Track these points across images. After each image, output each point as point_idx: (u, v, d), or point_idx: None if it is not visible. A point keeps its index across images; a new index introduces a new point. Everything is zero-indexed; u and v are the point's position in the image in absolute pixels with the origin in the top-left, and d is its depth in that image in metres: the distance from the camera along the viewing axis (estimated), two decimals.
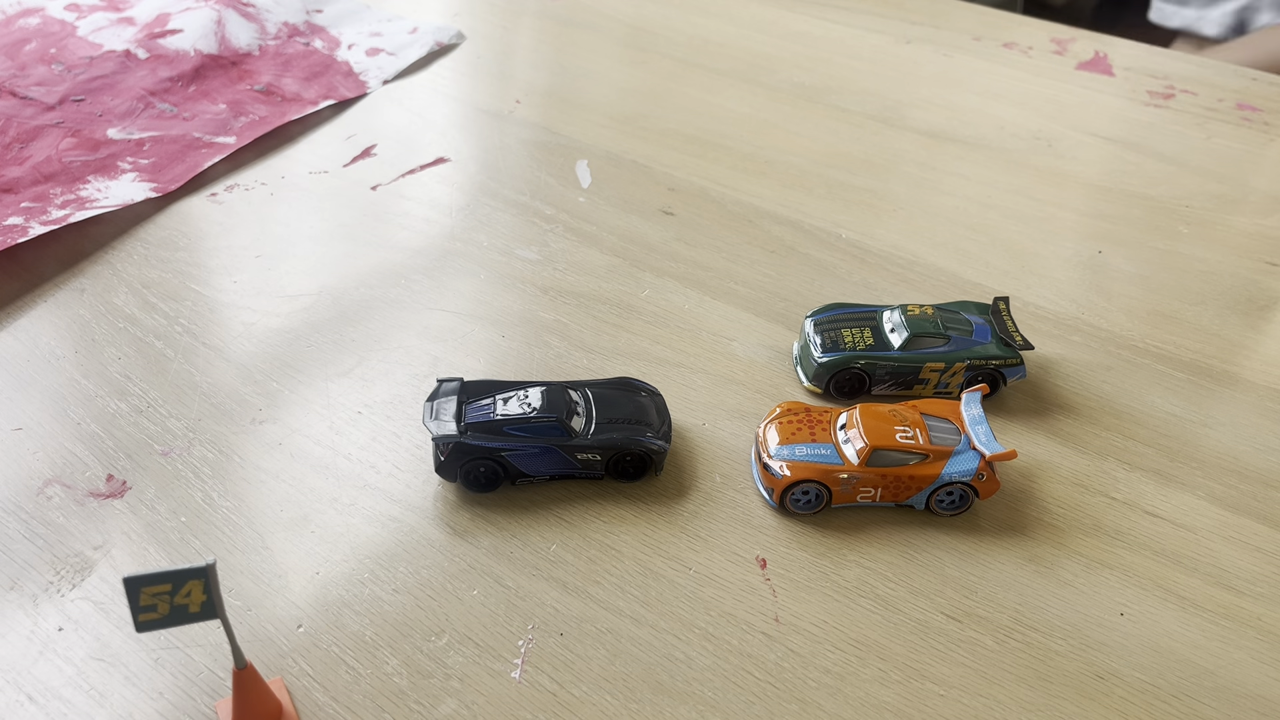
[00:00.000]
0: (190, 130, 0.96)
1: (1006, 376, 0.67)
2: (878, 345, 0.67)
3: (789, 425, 0.62)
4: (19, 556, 0.57)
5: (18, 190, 0.85)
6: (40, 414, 0.66)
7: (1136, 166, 0.97)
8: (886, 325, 0.69)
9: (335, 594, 0.56)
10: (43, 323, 0.74)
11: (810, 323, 0.70)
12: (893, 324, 0.68)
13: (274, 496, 0.61)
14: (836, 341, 0.68)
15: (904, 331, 0.67)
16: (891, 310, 0.70)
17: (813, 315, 0.71)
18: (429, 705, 0.50)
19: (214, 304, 0.76)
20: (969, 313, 0.70)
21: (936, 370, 0.67)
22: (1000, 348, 0.68)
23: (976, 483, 0.59)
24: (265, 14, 1.15)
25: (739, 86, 1.09)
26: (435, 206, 0.88)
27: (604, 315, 0.76)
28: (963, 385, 0.68)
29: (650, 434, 0.62)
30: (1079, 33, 1.24)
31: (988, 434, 0.60)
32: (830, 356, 0.67)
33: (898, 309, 0.69)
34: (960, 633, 0.55)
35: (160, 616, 0.42)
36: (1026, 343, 0.68)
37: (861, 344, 0.68)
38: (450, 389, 0.63)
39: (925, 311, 0.69)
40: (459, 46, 1.16)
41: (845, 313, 0.71)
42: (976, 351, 0.67)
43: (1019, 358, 0.67)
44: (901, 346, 0.67)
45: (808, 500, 0.60)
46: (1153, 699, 0.52)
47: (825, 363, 0.67)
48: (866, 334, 0.68)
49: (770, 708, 0.51)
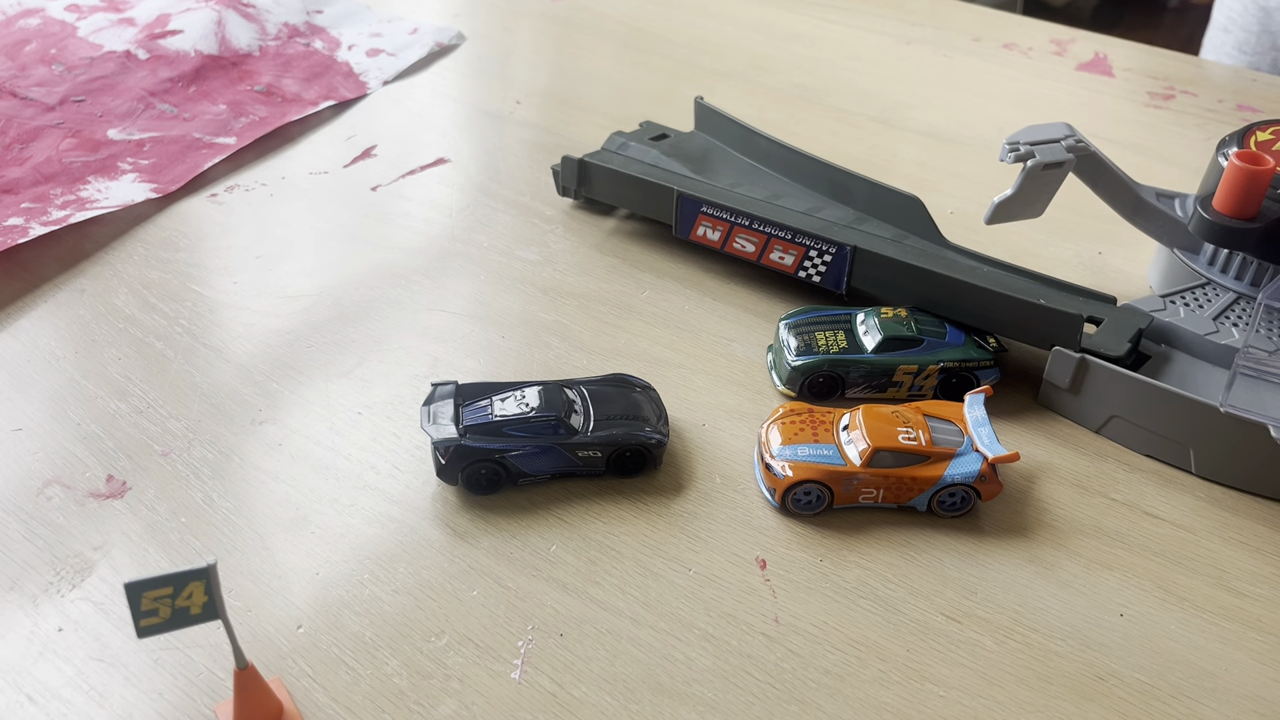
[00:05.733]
0: (190, 131, 0.96)
1: (980, 378, 0.67)
2: (851, 348, 0.67)
3: (791, 425, 0.62)
4: (19, 557, 0.57)
5: (18, 191, 0.85)
6: (40, 414, 0.66)
7: (1136, 167, 0.97)
8: (860, 328, 0.69)
9: (335, 594, 0.56)
10: (43, 323, 0.74)
11: (784, 326, 0.70)
12: (866, 326, 0.68)
13: (274, 497, 0.61)
14: (810, 345, 0.68)
15: (877, 334, 0.67)
16: (865, 313, 0.70)
17: (786, 318, 0.71)
18: (429, 706, 0.51)
19: (214, 305, 0.76)
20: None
21: (910, 372, 0.67)
22: (974, 349, 0.67)
23: (978, 485, 0.59)
24: (265, 15, 1.15)
25: (739, 86, 1.09)
26: (435, 207, 0.88)
27: (604, 315, 0.76)
28: (936, 388, 0.68)
29: (648, 428, 0.62)
30: (1079, 33, 1.24)
31: (990, 436, 0.60)
32: (803, 360, 0.67)
33: (872, 311, 0.69)
34: (960, 633, 0.55)
35: (161, 621, 0.42)
36: (1000, 345, 0.68)
37: (835, 347, 0.68)
38: (445, 392, 0.63)
39: (899, 314, 0.69)
40: (459, 47, 1.16)
41: (819, 315, 0.71)
42: (950, 353, 0.67)
43: (992, 359, 0.67)
44: (874, 349, 0.67)
45: (810, 501, 0.60)
46: (1152, 699, 0.52)
47: (798, 366, 0.67)
48: (840, 337, 0.68)
49: (770, 708, 0.51)
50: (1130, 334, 0.66)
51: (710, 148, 0.89)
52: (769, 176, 0.84)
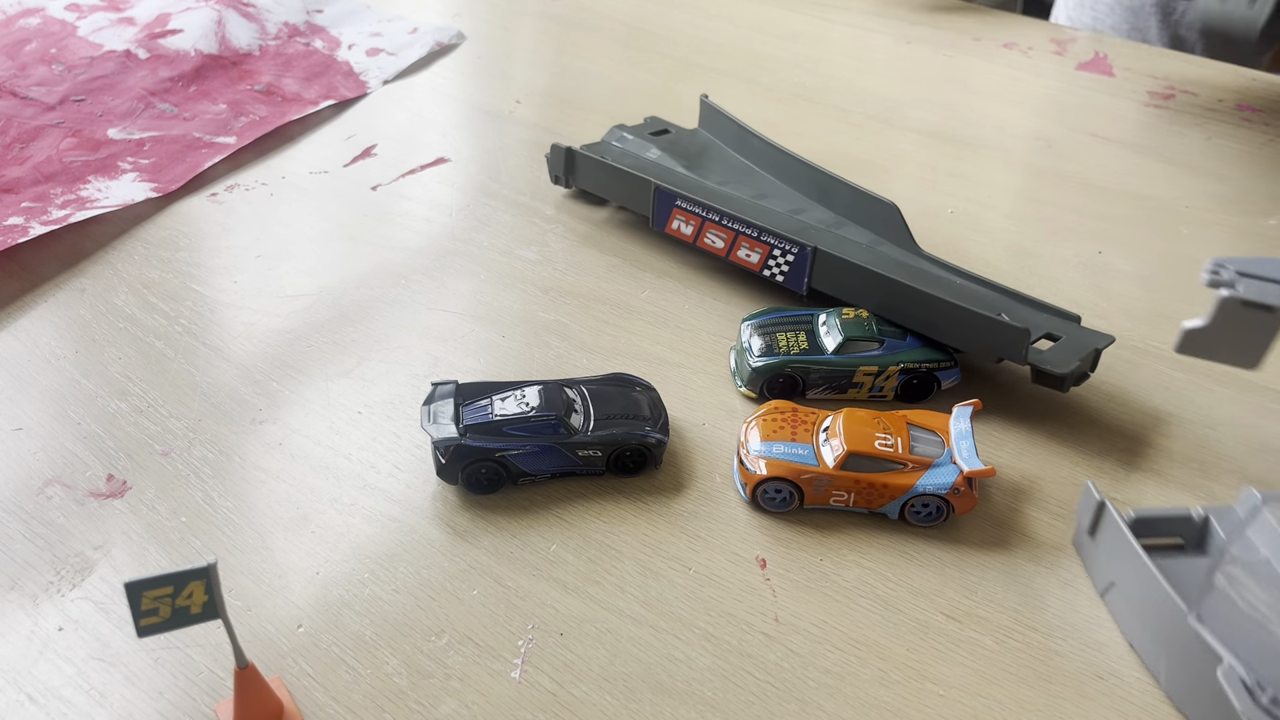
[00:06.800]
0: (190, 130, 0.96)
1: (940, 379, 0.67)
2: (812, 349, 0.67)
3: (772, 423, 0.62)
4: (19, 556, 0.57)
5: (18, 190, 0.85)
6: (40, 414, 0.66)
7: (1136, 166, 0.97)
8: (821, 329, 0.69)
9: (335, 594, 0.56)
10: (43, 323, 0.74)
11: (746, 326, 0.70)
12: (827, 327, 0.68)
13: (274, 496, 0.61)
14: (771, 346, 0.68)
15: (837, 335, 0.67)
16: (827, 314, 0.70)
17: (749, 318, 0.71)
18: (429, 705, 0.51)
19: (214, 304, 0.76)
20: None
21: (870, 373, 0.67)
22: (934, 350, 0.67)
23: (951, 497, 0.58)
24: (265, 14, 1.15)
25: (739, 86, 1.09)
26: (435, 206, 0.88)
27: (604, 315, 0.76)
28: (896, 389, 0.67)
29: (648, 428, 0.62)
30: (1079, 33, 1.24)
31: (970, 449, 0.60)
32: (764, 361, 0.67)
33: (833, 312, 0.69)
34: (960, 633, 0.55)
35: (161, 620, 0.42)
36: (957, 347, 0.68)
37: (796, 348, 0.67)
38: (445, 392, 0.63)
39: (860, 315, 0.69)
40: (459, 46, 1.16)
41: (781, 316, 0.71)
42: (909, 354, 0.67)
43: (952, 360, 0.67)
44: (835, 350, 0.67)
45: (783, 499, 0.60)
46: (1153, 699, 0.52)
47: (758, 367, 0.67)
48: (801, 338, 0.68)
49: (770, 708, 0.51)
50: (1083, 353, 0.65)
51: (709, 145, 0.89)
52: (760, 177, 0.85)
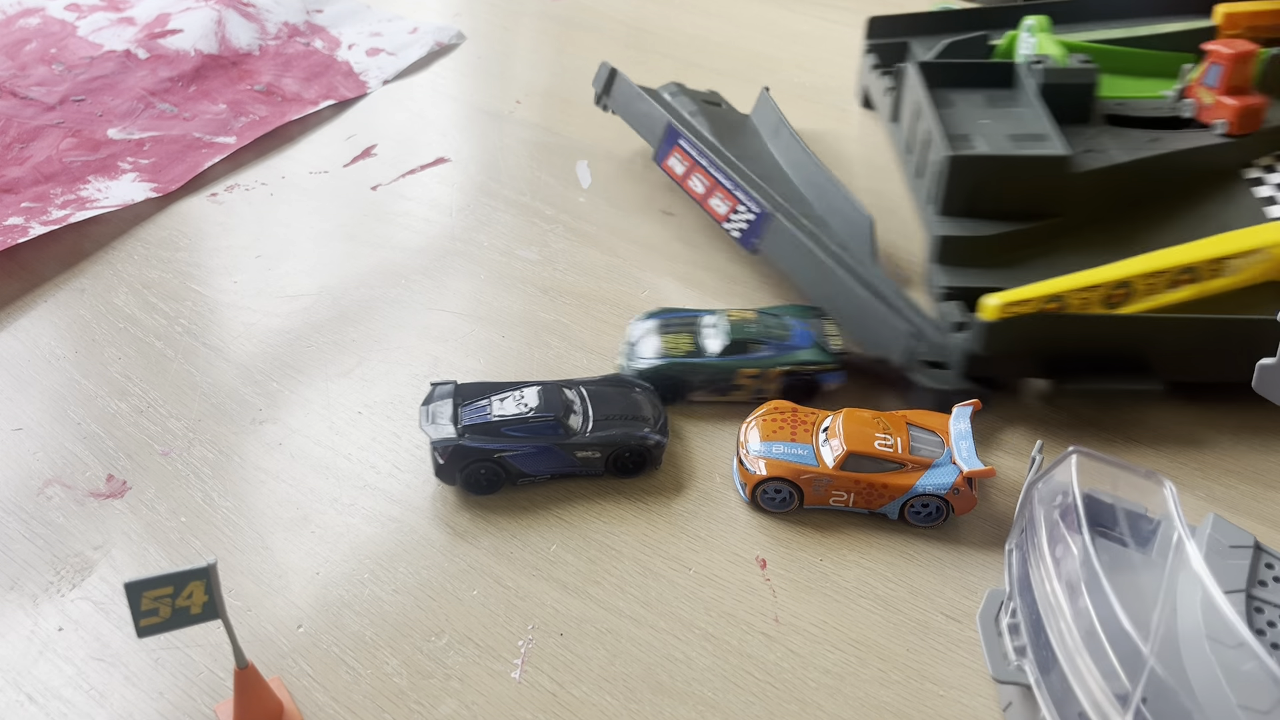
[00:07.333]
0: (190, 130, 0.96)
1: (822, 381, 0.67)
2: (696, 351, 0.67)
3: (771, 423, 0.62)
4: (19, 556, 0.57)
5: (18, 190, 0.85)
6: (40, 414, 0.66)
7: None
8: (705, 331, 0.68)
9: (335, 594, 0.56)
10: (43, 323, 0.74)
11: (633, 326, 0.70)
12: (711, 330, 0.68)
13: (274, 496, 0.61)
14: (655, 348, 0.68)
15: (720, 338, 0.67)
16: (713, 316, 0.69)
17: (640, 319, 0.71)
18: (429, 705, 0.51)
19: (214, 304, 0.76)
20: (794, 316, 0.70)
21: (751, 376, 0.66)
22: (817, 353, 0.67)
23: (951, 497, 0.58)
24: (265, 14, 1.15)
25: (739, 86, 1.09)
26: (435, 206, 0.88)
27: (604, 315, 0.76)
28: (781, 390, 0.67)
29: (647, 429, 0.62)
30: None
31: (970, 449, 0.60)
32: (645, 363, 0.67)
33: (719, 314, 0.69)
34: (960, 633, 0.55)
35: (161, 620, 0.42)
36: (842, 349, 0.68)
37: (679, 350, 0.67)
38: (444, 392, 0.63)
39: (745, 317, 0.68)
40: (459, 46, 1.16)
41: (669, 318, 0.70)
42: (792, 357, 0.67)
43: (836, 362, 0.67)
44: (720, 353, 0.66)
45: (782, 499, 0.60)
46: None
47: (641, 370, 0.67)
48: (685, 340, 0.68)
49: (770, 708, 0.51)
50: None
51: (748, 129, 0.91)
52: (774, 166, 0.86)
